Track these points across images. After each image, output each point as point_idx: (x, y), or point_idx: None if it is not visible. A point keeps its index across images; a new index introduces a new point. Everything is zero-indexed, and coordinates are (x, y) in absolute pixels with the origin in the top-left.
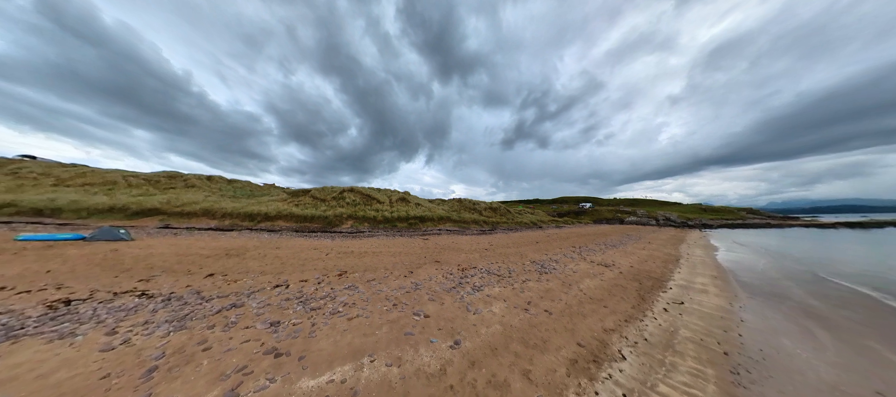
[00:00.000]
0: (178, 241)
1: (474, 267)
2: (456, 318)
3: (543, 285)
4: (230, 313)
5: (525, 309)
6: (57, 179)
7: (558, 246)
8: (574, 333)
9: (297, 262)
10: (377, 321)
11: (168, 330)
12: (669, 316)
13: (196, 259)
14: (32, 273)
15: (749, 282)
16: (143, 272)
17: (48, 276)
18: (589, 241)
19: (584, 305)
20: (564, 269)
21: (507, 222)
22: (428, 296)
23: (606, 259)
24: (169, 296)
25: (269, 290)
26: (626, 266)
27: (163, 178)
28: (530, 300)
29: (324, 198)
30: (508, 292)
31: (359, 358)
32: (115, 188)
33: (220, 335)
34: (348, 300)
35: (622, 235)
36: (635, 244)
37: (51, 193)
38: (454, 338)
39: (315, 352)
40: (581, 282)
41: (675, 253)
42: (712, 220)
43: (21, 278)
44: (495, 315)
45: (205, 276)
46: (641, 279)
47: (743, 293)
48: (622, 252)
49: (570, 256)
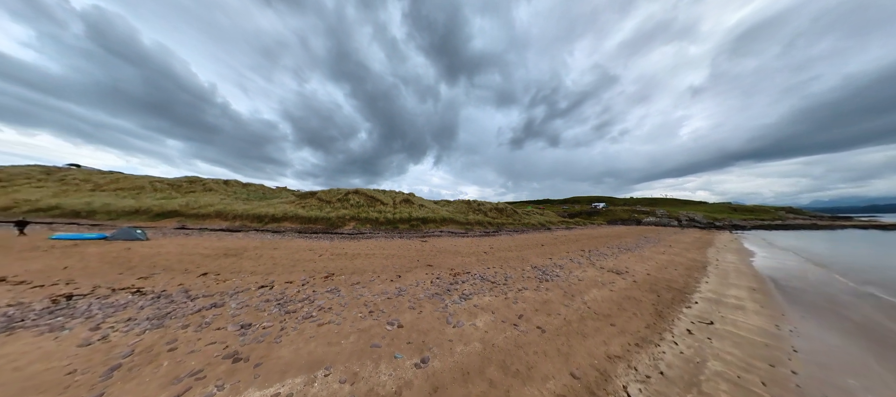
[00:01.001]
0: (185, 241)
1: (468, 272)
2: (432, 331)
3: (541, 295)
4: (208, 313)
5: (514, 324)
6: (95, 185)
7: (565, 249)
8: (569, 359)
9: (289, 263)
10: (347, 329)
11: (146, 327)
12: (694, 340)
13: (196, 258)
14: (52, 268)
15: (798, 296)
16: (145, 270)
17: (64, 272)
18: (600, 244)
19: (586, 322)
20: (569, 277)
21: (514, 223)
22: (409, 304)
23: (618, 265)
24: (159, 293)
25: (253, 291)
26: (641, 273)
27: (184, 183)
28: (523, 313)
29: (329, 200)
30: (499, 302)
31: (314, 370)
32: (142, 192)
33: (190, 335)
34: (326, 304)
35: (639, 237)
36: (653, 248)
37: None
38: (423, 355)
39: (273, 360)
40: (586, 292)
41: (701, 258)
42: (744, 221)
43: (41, 273)
44: (478, 329)
45: (198, 275)
46: (659, 290)
47: (792, 311)
48: (638, 257)
49: (577, 261)
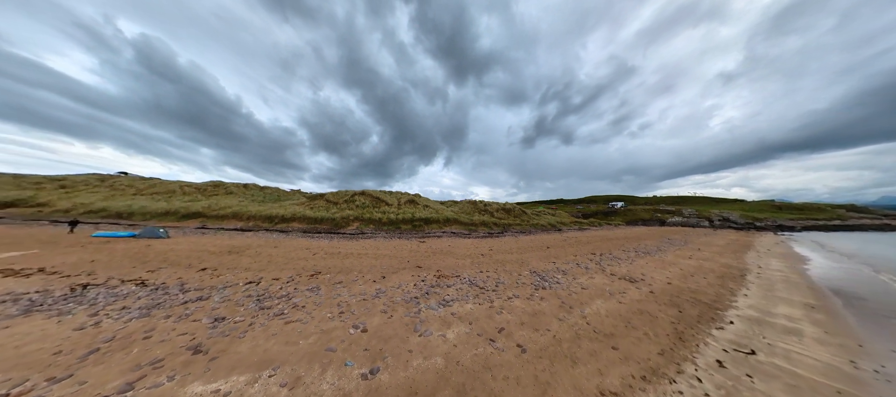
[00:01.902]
0: (199, 240)
1: (457, 275)
2: (394, 338)
3: (533, 305)
4: (192, 305)
5: (491, 338)
6: (136, 190)
7: (573, 252)
8: (546, 391)
9: (283, 261)
10: (311, 329)
11: (133, 316)
12: (727, 377)
13: (202, 255)
14: (83, 261)
15: (880, 321)
16: (155, 264)
17: (90, 265)
18: (615, 247)
19: (581, 342)
20: (571, 284)
21: (521, 224)
22: (383, 307)
23: (633, 271)
24: (159, 286)
25: (240, 286)
26: (660, 282)
27: (209, 187)
28: (504, 326)
29: (336, 202)
30: (481, 311)
31: (262, 369)
32: (173, 196)
33: (168, 325)
34: (301, 302)
35: (661, 239)
36: (678, 251)
37: (130, 201)
38: (374, 365)
39: (229, 355)
40: (588, 303)
41: (737, 264)
42: (792, 221)
43: (73, 265)
44: (446, 342)
45: (198, 270)
46: (682, 304)
47: (874, 341)
48: (658, 262)
49: (584, 266)
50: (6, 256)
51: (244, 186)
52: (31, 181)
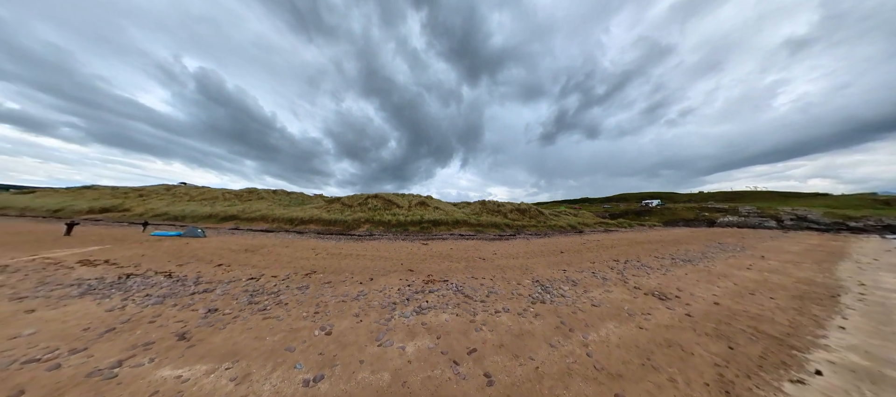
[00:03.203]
0: (227, 239)
1: (445, 280)
2: (353, 345)
3: (523, 323)
4: (197, 297)
5: (455, 360)
6: (190, 196)
7: (591, 258)
8: None
9: (287, 260)
10: (282, 326)
11: (151, 303)
12: None
13: (223, 252)
14: (136, 255)
15: None
16: (185, 259)
17: (140, 258)
18: (645, 252)
19: (572, 382)
20: (579, 298)
21: (537, 226)
22: (357, 310)
23: (666, 284)
24: (180, 278)
25: (242, 281)
26: (703, 301)
27: (245, 193)
28: (477, 346)
29: (350, 205)
30: (457, 324)
31: (223, 361)
32: (217, 201)
33: (172, 313)
34: (286, 299)
35: (708, 243)
36: (731, 259)
37: (184, 206)
38: (320, 372)
39: (205, 344)
40: (596, 325)
41: (824, 280)
42: None
43: (128, 258)
44: (403, 356)
45: (215, 266)
46: (734, 335)
47: None
48: (702, 273)
49: (602, 276)
50: (88, 250)
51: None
52: (121, 192)
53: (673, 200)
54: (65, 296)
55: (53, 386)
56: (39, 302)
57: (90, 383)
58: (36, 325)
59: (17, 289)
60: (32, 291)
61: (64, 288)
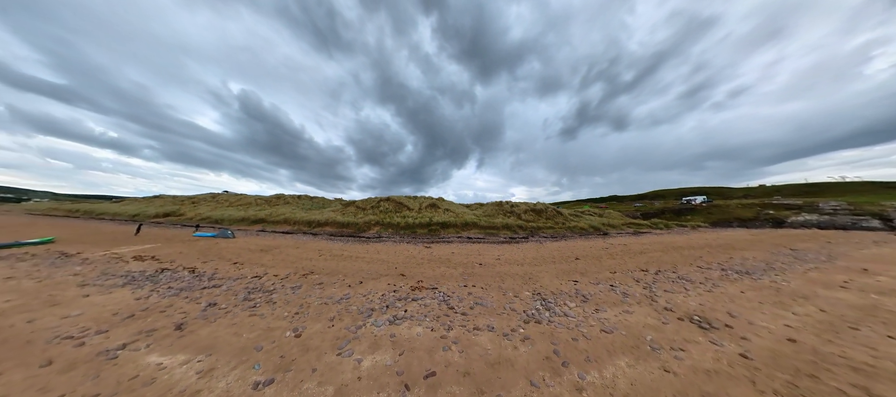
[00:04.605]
0: (250, 240)
1: (434, 287)
2: (313, 351)
3: (505, 347)
4: (206, 291)
5: (406, 384)
6: (229, 203)
7: (613, 266)
8: None
9: (293, 260)
10: (261, 324)
11: (168, 294)
12: None
13: (242, 252)
14: (175, 253)
15: None
16: (210, 257)
17: (178, 255)
18: (685, 260)
19: None
20: (586, 319)
21: (554, 227)
22: (335, 313)
23: (712, 305)
24: (200, 273)
25: (247, 278)
26: (768, 334)
27: (273, 198)
28: (438, 370)
29: (364, 208)
30: (427, 340)
31: (200, 353)
32: (249, 206)
33: (181, 304)
34: (276, 298)
35: (775, 250)
36: (813, 271)
37: (224, 211)
38: (274, 376)
39: (194, 336)
40: (601, 362)
41: None
42: None
43: (168, 255)
44: (356, 371)
45: (232, 263)
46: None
47: None
48: (768, 290)
49: (622, 290)
50: (143, 247)
51: (298, 197)
52: (179, 199)
53: (723, 196)
54: (113, 285)
55: (72, 360)
56: (95, 289)
57: (96, 362)
58: (83, 308)
59: (85, 277)
60: (94, 279)
61: (115, 278)
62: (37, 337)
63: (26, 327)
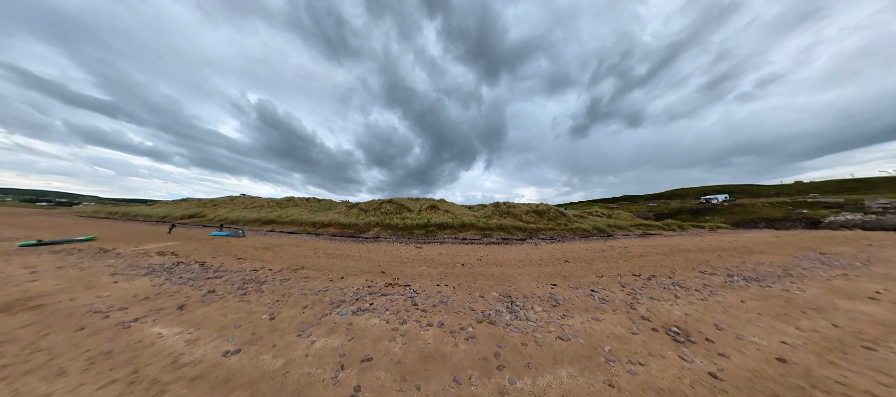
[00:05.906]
0: (257, 239)
1: (407, 285)
2: (280, 331)
3: (447, 344)
4: (209, 281)
5: (342, 365)
6: (244, 205)
7: (603, 269)
8: None
9: (291, 257)
10: (245, 308)
11: (178, 282)
12: None
13: (247, 249)
14: (192, 249)
15: None
16: (219, 253)
17: (194, 251)
18: (687, 264)
19: None
20: (549, 324)
21: (555, 229)
22: (309, 302)
23: (698, 316)
24: (207, 266)
25: (246, 272)
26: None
27: (284, 201)
28: (376, 357)
29: (366, 209)
30: (380, 330)
31: (192, 327)
32: (262, 208)
33: (186, 290)
34: (268, 288)
35: (800, 253)
36: (838, 278)
37: (240, 212)
38: (241, 347)
39: (191, 314)
40: (542, 368)
41: None
42: None
43: (185, 251)
44: (308, 349)
45: (236, 258)
46: None
47: None
48: (775, 300)
49: (601, 296)
50: (166, 244)
51: (306, 199)
52: (202, 202)
53: (751, 194)
54: (137, 274)
55: (98, 328)
56: (123, 277)
57: (115, 329)
58: (112, 291)
59: (117, 268)
60: (123, 270)
61: (139, 269)
62: (76, 310)
63: (69, 303)
